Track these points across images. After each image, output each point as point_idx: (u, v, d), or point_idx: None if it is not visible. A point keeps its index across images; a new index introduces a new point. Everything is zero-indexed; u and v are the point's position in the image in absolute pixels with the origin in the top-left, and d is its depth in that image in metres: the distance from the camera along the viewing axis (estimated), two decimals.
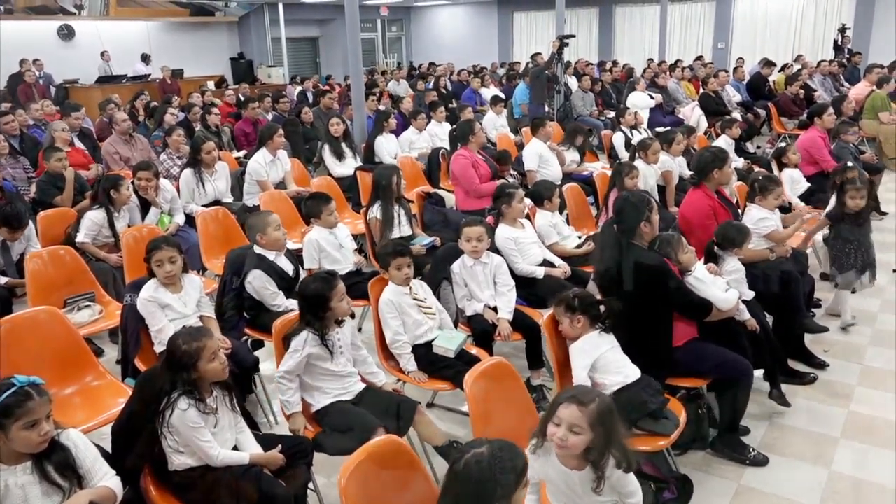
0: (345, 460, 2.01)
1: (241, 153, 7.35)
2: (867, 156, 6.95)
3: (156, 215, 4.96)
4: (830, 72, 11.30)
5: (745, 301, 3.33)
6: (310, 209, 4.12)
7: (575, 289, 3.01)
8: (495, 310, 3.56)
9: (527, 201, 4.36)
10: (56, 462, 2.02)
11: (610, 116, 9.77)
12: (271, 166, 5.88)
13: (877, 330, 4.29)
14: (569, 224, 4.81)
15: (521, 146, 7.21)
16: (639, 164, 5.31)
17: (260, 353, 3.49)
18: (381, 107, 9.12)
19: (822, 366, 3.83)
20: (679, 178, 5.82)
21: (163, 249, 3.21)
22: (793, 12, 15.79)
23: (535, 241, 4.13)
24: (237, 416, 2.53)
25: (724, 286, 3.19)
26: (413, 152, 7.28)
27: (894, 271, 5.13)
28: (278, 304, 3.50)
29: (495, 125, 8.44)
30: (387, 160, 6.77)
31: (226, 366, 2.45)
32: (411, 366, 3.17)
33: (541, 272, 3.93)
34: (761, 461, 3.05)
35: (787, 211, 4.74)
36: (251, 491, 2.28)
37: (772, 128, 9.81)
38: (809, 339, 4.00)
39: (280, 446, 2.49)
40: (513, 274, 3.74)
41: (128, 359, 3.33)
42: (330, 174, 6.50)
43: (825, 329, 4.22)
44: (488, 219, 4.16)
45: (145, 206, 4.98)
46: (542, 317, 3.34)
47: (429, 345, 3.23)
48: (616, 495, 2.07)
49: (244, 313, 3.62)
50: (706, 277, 3.16)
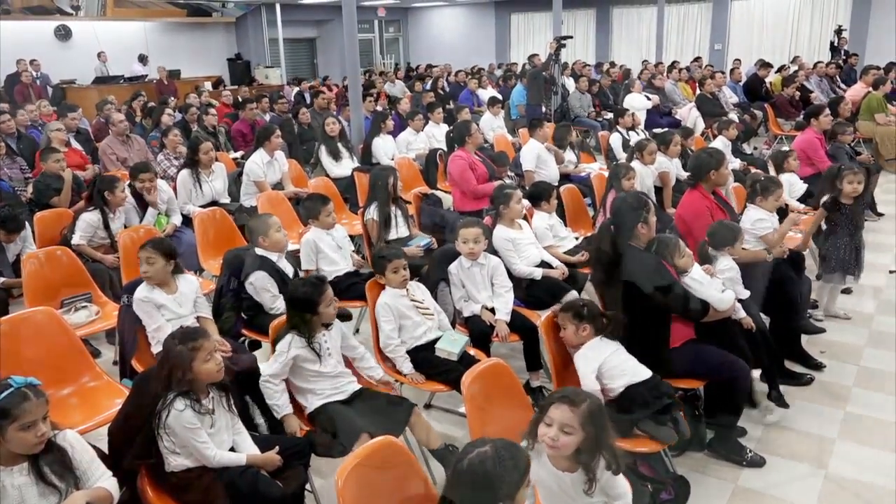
0: (342, 461, 2.01)
1: (238, 154, 7.34)
2: (863, 157, 6.98)
3: (153, 216, 4.95)
4: (827, 73, 11.32)
5: (740, 300, 3.33)
6: (307, 210, 4.12)
7: (582, 297, 3.02)
8: (493, 311, 3.56)
9: (524, 202, 4.37)
10: (53, 463, 2.02)
11: (607, 118, 9.79)
12: (269, 167, 5.88)
13: (874, 331, 4.29)
14: (566, 225, 4.82)
15: (519, 147, 7.21)
16: (635, 165, 5.32)
17: (257, 354, 3.47)
18: (379, 107, 9.12)
19: (818, 367, 3.83)
20: (675, 179, 5.84)
21: (143, 250, 3.23)
22: (789, 14, 15.80)
23: (532, 241, 4.12)
24: (234, 417, 2.52)
25: (721, 287, 3.20)
26: (410, 153, 7.28)
27: (891, 272, 5.14)
28: (277, 306, 3.50)
29: (492, 126, 8.43)
30: (384, 161, 6.76)
31: (221, 367, 2.45)
32: (406, 368, 3.17)
33: (538, 273, 3.92)
34: (758, 462, 3.05)
35: (783, 213, 4.75)
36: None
37: (768, 129, 9.84)
38: (806, 341, 4.02)
39: (277, 447, 2.48)
40: (510, 275, 3.74)
41: (125, 360, 3.33)
42: (327, 175, 6.51)
43: (822, 330, 4.24)
44: (486, 219, 4.16)
45: (143, 206, 4.98)
46: (539, 318, 3.34)
47: (429, 346, 3.22)
48: (606, 497, 2.07)
49: (242, 314, 3.62)
50: (703, 278, 3.16)
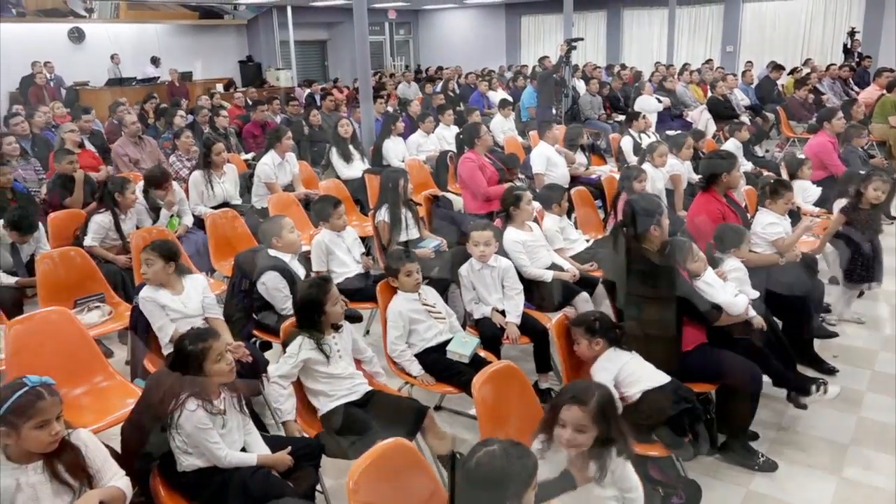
0: (353, 462, 2.01)
1: (249, 155, 7.38)
2: (877, 160, 6.93)
3: (166, 217, 4.98)
4: (840, 75, 11.24)
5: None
6: (318, 212, 4.14)
7: (593, 301, 3.01)
8: (503, 313, 3.56)
9: (535, 204, 4.36)
10: (67, 462, 2.03)
11: (618, 120, 9.76)
12: (280, 168, 5.89)
13: (887, 336, 4.25)
14: (577, 228, 4.80)
15: (529, 149, 7.21)
16: (646, 167, 5.30)
17: (267, 356, 3.49)
18: (389, 108, 9.14)
19: (832, 371, 3.80)
20: (687, 182, 5.81)
21: (143, 252, 3.28)
22: (802, 15, 15.70)
23: (543, 244, 4.11)
24: (245, 418, 2.53)
25: (734, 291, 3.18)
26: (421, 155, 7.28)
27: None
28: (288, 307, 3.51)
29: (503, 128, 8.42)
30: (394, 163, 6.78)
31: (233, 368, 2.46)
32: (415, 370, 3.18)
33: (549, 276, 3.91)
34: (770, 467, 3.03)
35: (796, 216, 4.72)
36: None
37: (780, 132, 9.78)
38: (819, 345, 3.98)
39: (289, 448, 2.49)
40: (521, 277, 3.74)
41: (137, 359, 3.35)
42: (338, 177, 6.53)
43: (835, 334, 4.20)
44: (496, 221, 4.16)
45: (156, 208, 5.01)
46: (550, 320, 3.33)
47: (440, 348, 3.23)
48: (617, 490, 2.09)
49: (253, 315, 3.63)
50: (715, 282, 3.15)
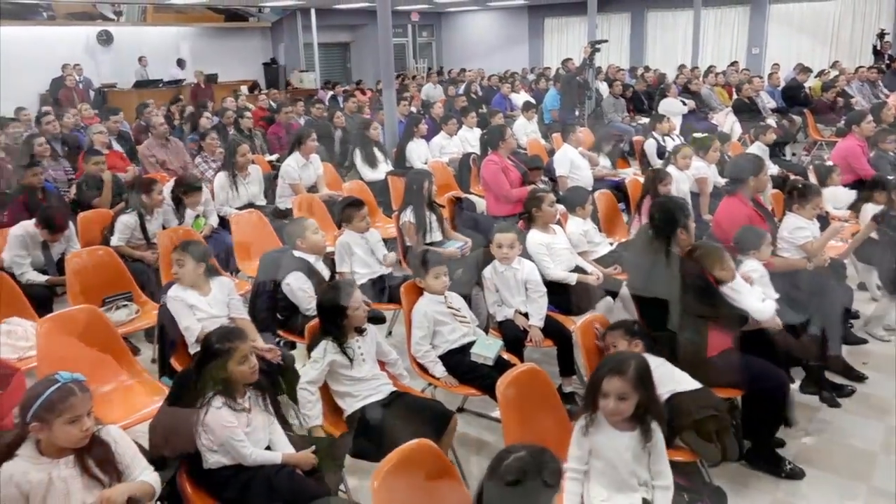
0: (377, 463, 2.02)
1: (274, 157, 7.45)
2: None
3: (192, 218, 5.05)
4: (869, 78, 11.05)
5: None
6: (342, 214, 4.16)
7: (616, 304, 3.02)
8: (526, 316, 3.55)
9: (558, 206, 4.34)
10: (97, 456, 2.06)
11: (642, 122, 9.69)
12: (304, 170, 5.93)
13: None
14: (600, 231, 4.78)
15: (552, 152, 7.19)
16: (671, 170, 5.25)
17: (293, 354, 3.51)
18: (413, 108, 9.15)
19: (860, 378, 3.73)
20: (713, 185, 5.74)
21: (175, 252, 3.34)
22: (829, 17, 15.46)
23: (566, 246, 4.08)
24: (271, 417, 2.55)
25: (761, 296, 3.14)
26: (444, 157, 7.29)
27: None
28: (313, 307, 3.53)
29: (526, 130, 8.40)
30: (417, 165, 6.79)
31: (255, 369, 2.48)
32: (438, 371, 3.18)
33: (573, 278, 3.88)
34: (798, 475, 2.98)
35: (824, 221, 4.65)
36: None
37: (808, 135, 9.64)
38: (848, 351, 3.92)
39: (313, 447, 2.51)
40: (544, 280, 3.72)
41: (164, 358, 3.40)
42: (361, 178, 6.55)
43: (864, 341, 4.13)
44: (519, 223, 4.15)
45: (180, 208, 5.08)
46: (573, 323, 3.32)
47: (463, 349, 3.23)
48: (648, 475, 2.18)
49: (277, 315, 3.66)
50: (742, 287, 3.11)
